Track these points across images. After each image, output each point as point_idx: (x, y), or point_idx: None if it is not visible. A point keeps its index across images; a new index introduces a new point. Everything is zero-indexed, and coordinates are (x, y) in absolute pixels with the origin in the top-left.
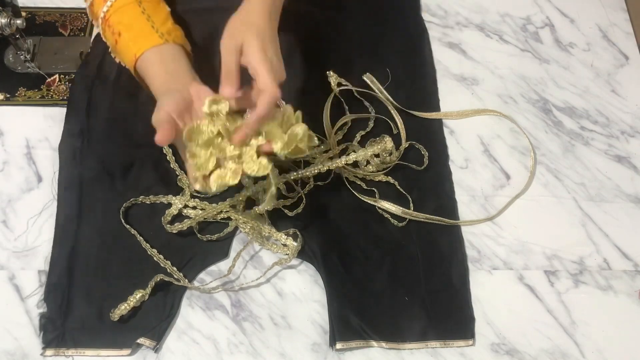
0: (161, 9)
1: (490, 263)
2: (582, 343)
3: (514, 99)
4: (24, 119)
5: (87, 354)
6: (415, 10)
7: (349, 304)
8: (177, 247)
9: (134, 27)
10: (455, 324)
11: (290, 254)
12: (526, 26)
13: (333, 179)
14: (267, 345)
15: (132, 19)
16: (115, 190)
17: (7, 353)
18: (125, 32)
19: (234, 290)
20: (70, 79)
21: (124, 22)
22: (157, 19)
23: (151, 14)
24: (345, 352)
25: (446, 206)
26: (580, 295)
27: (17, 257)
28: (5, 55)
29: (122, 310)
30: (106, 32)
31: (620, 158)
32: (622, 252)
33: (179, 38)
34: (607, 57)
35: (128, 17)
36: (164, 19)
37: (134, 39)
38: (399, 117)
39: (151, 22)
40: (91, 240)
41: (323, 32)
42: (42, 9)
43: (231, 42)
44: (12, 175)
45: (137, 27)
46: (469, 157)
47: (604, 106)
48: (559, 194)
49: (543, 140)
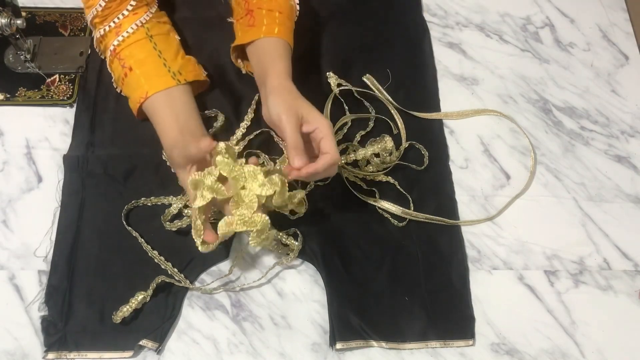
0: (171, 40)
1: (490, 263)
2: (582, 343)
3: (514, 99)
4: (24, 119)
5: (89, 356)
6: (417, 10)
7: (349, 304)
8: (178, 248)
9: (146, 64)
10: (455, 324)
11: (291, 254)
12: (526, 26)
13: (333, 179)
14: (267, 345)
15: (144, 55)
16: (117, 194)
17: (7, 353)
18: (137, 67)
19: (234, 290)
20: (70, 78)
21: (135, 57)
22: (168, 55)
23: (162, 50)
24: (345, 352)
25: (446, 206)
26: (580, 295)
27: (17, 257)
28: (5, 55)
29: (124, 313)
30: (114, 64)
31: (620, 158)
32: (622, 252)
33: (191, 73)
34: (607, 57)
35: (140, 52)
36: (175, 53)
37: (145, 76)
38: (399, 117)
39: (163, 59)
40: (92, 242)
41: (323, 32)
42: (42, 9)
43: (293, 116)
44: (12, 175)
45: (149, 64)
46: (469, 157)
47: (604, 106)
48: (559, 194)
49: (543, 140)
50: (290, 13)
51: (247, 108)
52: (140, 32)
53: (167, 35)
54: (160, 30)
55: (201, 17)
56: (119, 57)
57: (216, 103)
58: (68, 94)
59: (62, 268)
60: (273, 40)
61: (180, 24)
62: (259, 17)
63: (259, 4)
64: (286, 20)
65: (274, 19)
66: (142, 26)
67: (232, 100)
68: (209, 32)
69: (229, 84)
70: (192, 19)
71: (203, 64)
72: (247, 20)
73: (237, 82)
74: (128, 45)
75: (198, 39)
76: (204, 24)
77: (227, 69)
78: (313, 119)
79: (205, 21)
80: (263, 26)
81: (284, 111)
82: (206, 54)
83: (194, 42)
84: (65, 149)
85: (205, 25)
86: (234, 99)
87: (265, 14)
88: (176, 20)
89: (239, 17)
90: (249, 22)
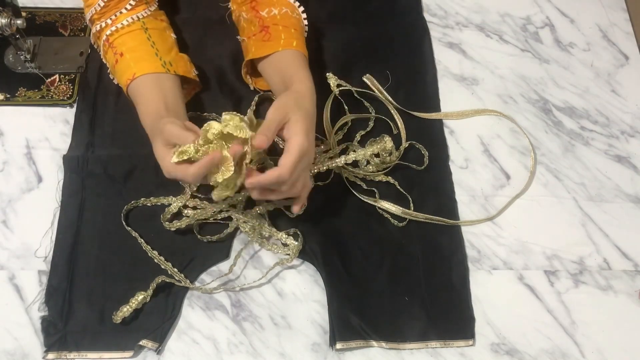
0: (167, 37)
1: (490, 263)
2: (582, 343)
3: (514, 99)
4: (24, 119)
5: (90, 356)
6: (417, 10)
7: (349, 304)
8: (178, 248)
9: (138, 51)
10: (455, 324)
11: (291, 254)
12: (526, 26)
13: (333, 179)
14: (267, 345)
15: (137, 43)
16: (117, 194)
17: (7, 353)
18: (128, 53)
19: (234, 290)
20: (70, 78)
21: (128, 44)
22: (161, 47)
23: (156, 42)
24: (345, 352)
25: (446, 206)
26: (580, 295)
27: (17, 257)
28: (5, 55)
29: (124, 313)
30: (108, 54)
31: (620, 158)
32: (622, 252)
33: (182, 68)
34: (607, 57)
35: (132, 41)
36: (169, 48)
37: (135, 60)
38: (399, 117)
39: (155, 49)
40: (92, 242)
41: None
42: (42, 9)
43: (279, 114)
44: (12, 175)
45: (141, 51)
46: (469, 157)
47: (604, 106)
48: (559, 194)
49: (543, 140)
50: (302, 31)
51: (247, 108)
52: (136, 25)
53: (162, 31)
54: (156, 26)
55: (201, 18)
56: (112, 45)
57: (216, 103)
58: (68, 94)
59: (62, 268)
60: (292, 51)
61: (180, 25)
62: (275, 32)
63: (274, 21)
64: (300, 36)
65: (290, 34)
66: (139, 20)
67: (232, 101)
68: (209, 32)
69: (229, 85)
70: (192, 19)
71: (203, 64)
72: (262, 36)
73: (237, 82)
74: (121, 35)
75: (198, 40)
76: (204, 24)
77: (227, 69)
78: (293, 129)
79: (205, 22)
80: (281, 39)
81: (276, 106)
82: (206, 55)
83: (194, 42)
84: (65, 149)
85: (205, 26)
86: (233, 100)
87: (282, 30)
88: (176, 20)
89: (252, 34)
90: (264, 37)
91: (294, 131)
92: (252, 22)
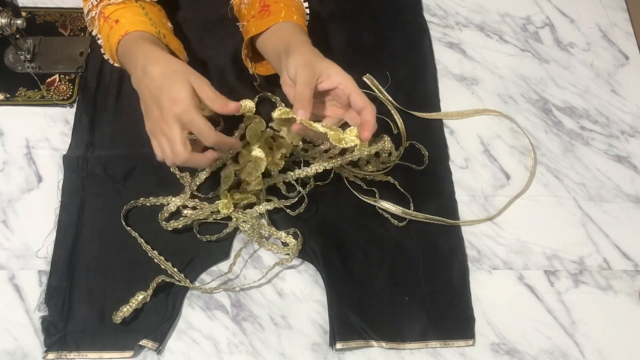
0: (165, 21)
1: (490, 263)
2: (582, 343)
3: (514, 99)
4: (24, 119)
5: (90, 356)
6: (417, 10)
7: (349, 304)
8: (178, 248)
9: (134, 18)
10: (455, 324)
11: (291, 254)
12: (526, 26)
13: (333, 179)
14: (267, 345)
15: (133, 14)
16: (117, 194)
17: (7, 353)
18: (123, 19)
19: (234, 290)
20: (70, 78)
21: (124, 15)
22: (157, 22)
23: (153, 18)
24: (345, 352)
25: (446, 206)
26: (580, 295)
27: (17, 257)
28: (5, 55)
29: (124, 313)
30: (103, 27)
31: (620, 158)
32: (622, 252)
33: (174, 45)
34: (607, 57)
35: (128, 12)
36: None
37: (130, 23)
38: (399, 117)
39: (152, 22)
40: (92, 242)
41: (323, 32)
42: (42, 9)
43: (309, 70)
44: (12, 175)
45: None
46: (469, 157)
47: (604, 106)
48: (559, 193)
49: (543, 140)
50: (304, 14)
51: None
52: (132, 2)
53: (160, 15)
54: (154, 9)
55: (201, 17)
56: (107, 18)
57: None
58: (68, 94)
59: (62, 268)
60: (293, 23)
61: (180, 24)
62: (276, 8)
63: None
64: (301, 16)
65: (292, 11)
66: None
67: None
68: (209, 32)
69: (229, 84)
70: (192, 19)
71: (203, 64)
72: (262, 14)
73: (237, 82)
74: (118, 9)
75: (198, 39)
76: (204, 24)
77: (227, 69)
78: (335, 74)
79: (206, 21)
80: (282, 13)
81: (301, 66)
82: (206, 54)
83: (194, 42)
84: (65, 149)
85: (206, 25)
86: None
87: (283, 7)
88: (177, 20)
89: (251, 16)
90: (264, 15)
91: (336, 73)
92: (252, 5)
